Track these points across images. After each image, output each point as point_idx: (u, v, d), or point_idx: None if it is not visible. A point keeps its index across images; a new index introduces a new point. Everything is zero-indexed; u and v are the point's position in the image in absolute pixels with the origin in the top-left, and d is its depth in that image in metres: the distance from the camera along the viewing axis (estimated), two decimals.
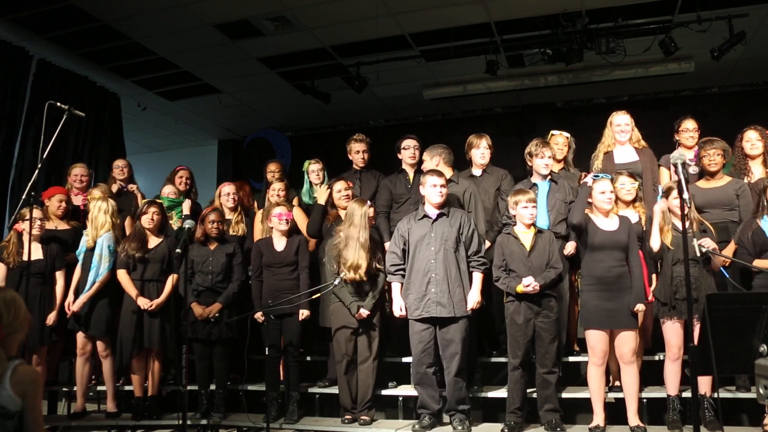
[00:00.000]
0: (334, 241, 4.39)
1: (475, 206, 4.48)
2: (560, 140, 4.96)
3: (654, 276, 4.09)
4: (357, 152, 5.22)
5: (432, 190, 4.13)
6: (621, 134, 4.63)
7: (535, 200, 4.04)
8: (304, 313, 4.51)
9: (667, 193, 3.93)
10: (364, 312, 4.26)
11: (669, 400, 3.86)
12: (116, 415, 4.78)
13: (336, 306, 4.40)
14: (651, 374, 4.06)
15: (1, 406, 2.11)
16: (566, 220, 4.26)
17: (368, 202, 4.50)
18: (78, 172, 5.54)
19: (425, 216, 4.18)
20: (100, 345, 4.76)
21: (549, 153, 4.44)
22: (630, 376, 3.81)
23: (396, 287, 4.21)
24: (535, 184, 4.43)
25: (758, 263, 3.78)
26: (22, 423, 2.18)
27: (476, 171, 4.82)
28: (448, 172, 4.61)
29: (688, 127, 4.68)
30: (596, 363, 3.87)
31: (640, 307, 3.79)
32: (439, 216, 4.14)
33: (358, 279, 4.23)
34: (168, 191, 5.48)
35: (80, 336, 4.77)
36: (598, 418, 3.85)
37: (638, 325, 3.86)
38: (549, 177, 4.45)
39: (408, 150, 4.99)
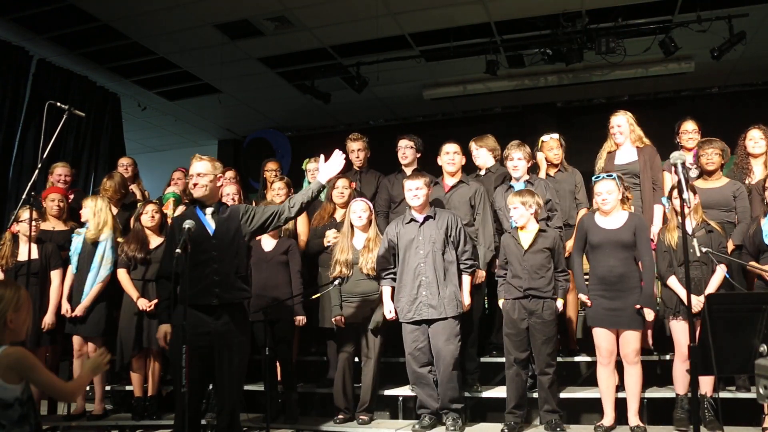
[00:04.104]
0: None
1: (483, 208, 4.46)
2: (553, 144, 4.90)
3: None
4: (352, 152, 5.23)
5: (408, 194, 4.15)
6: (616, 136, 4.63)
7: (528, 201, 3.97)
8: (299, 320, 4.54)
9: (671, 194, 3.94)
10: (339, 320, 4.31)
11: (678, 399, 3.84)
12: (103, 417, 4.74)
13: (335, 308, 4.40)
14: (651, 374, 4.06)
15: None
16: (545, 220, 4.26)
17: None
18: (61, 171, 5.47)
19: (412, 220, 4.18)
20: (92, 346, 4.67)
21: (519, 155, 4.39)
22: (633, 376, 3.79)
23: (387, 291, 4.21)
24: (511, 186, 4.43)
25: (755, 265, 3.79)
26: (27, 409, 2.17)
27: (481, 171, 4.86)
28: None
29: (688, 129, 4.68)
30: (602, 363, 3.86)
31: (649, 314, 3.76)
32: (426, 219, 4.14)
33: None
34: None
35: (76, 338, 4.73)
36: (608, 417, 3.84)
37: (643, 325, 3.83)
38: (524, 179, 4.41)
39: (399, 150, 5.01)
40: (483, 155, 4.87)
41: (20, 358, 2.15)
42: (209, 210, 3.50)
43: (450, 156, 4.51)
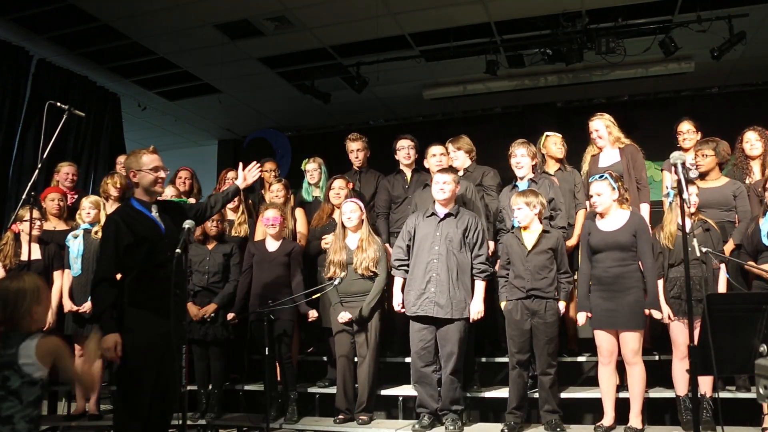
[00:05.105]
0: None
1: (474, 204, 4.48)
2: (556, 139, 4.91)
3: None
4: (351, 152, 5.24)
5: (434, 187, 4.15)
6: (597, 140, 4.66)
7: (532, 202, 3.97)
8: (311, 314, 4.53)
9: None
10: (345, 317, 4.29)
11: (679, 400, 3.83)
12: (98, 418, 4.72)
13: (337, 306, 4.41)
14: (651, 374, 4.05)
15: (26, 374, 2.31)
16: (548, 219, 4.26)
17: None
18: (68, 170, 5.49)
19: (433, 214, 4.17)
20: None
21: (522, 151, 4.39)
22: (634, 376, 3.79)
23: (398, 282, 4.22)
24: (516, 185, 4.43)
25: (753, 265, 3.79)
26: (43, 393, 2.39)
27: (459, 172, 4.84)
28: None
29: (683, 129, 4.71)
30: (603, 362, 3.87)
31: (655, 314, 3.77)
32: (447, 216, 4.14)
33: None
34: (170, 193, 5.47)
35: (79, 338, 4.73)
36: (608, 417, 3.84)
37: (641, 326, 3.82)
38: (529, 178, 4.40)
39: (402, 150, 5.00)
40: (461, 157, 4.89)
41: (58, 345, 2.44)
42: (155, 208, 3.29)
43: (437, 158, 4.56)
